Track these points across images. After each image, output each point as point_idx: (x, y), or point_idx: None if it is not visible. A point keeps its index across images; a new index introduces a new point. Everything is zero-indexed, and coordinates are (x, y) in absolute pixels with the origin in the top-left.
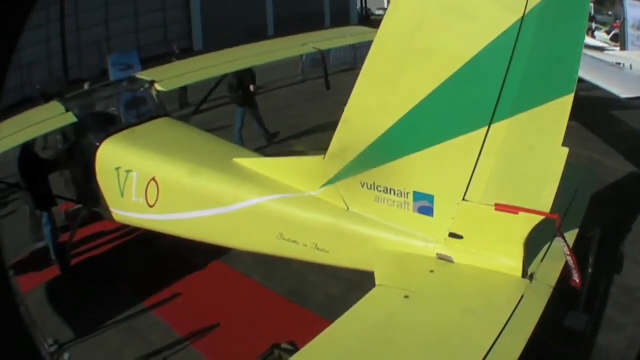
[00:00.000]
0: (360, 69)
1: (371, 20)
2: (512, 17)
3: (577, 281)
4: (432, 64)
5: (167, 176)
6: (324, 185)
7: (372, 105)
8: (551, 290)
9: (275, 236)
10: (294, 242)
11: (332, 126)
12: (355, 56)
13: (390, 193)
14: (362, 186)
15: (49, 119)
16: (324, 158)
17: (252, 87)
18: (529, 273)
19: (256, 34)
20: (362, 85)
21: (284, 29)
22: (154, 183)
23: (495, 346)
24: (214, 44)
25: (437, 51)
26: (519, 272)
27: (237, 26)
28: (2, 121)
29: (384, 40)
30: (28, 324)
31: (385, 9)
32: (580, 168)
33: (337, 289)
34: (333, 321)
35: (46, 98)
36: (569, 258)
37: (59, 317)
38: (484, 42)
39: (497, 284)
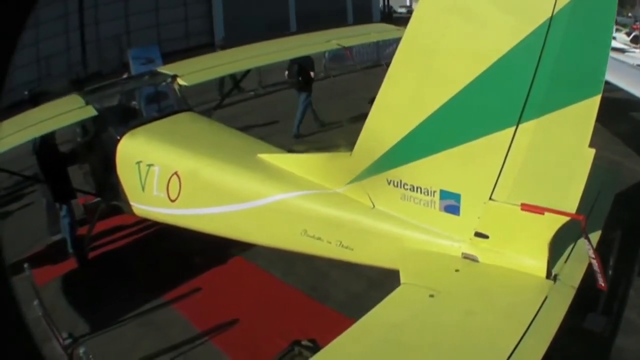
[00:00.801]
0: (383, 65)
1: (393, 18)
2: (540, 17)
3: (602, 285)
4: (460, 63)
5: (189, 171)
6: (350, 182)
7: (400, 103)
8: (574, 291)
9: (299, 232)
10: (318, 238)
11: (355, 122)
12: (378, 53)
13: (417, 191)
14: (389, 184)
15: (68, 111)
16: (351, 155)
17: (312, 73)
18: (553, 274)
19: (278, 30)
20: (390, 83)
21: (306, 25)
22: (176, 177)
23: (519, 347)
24: (235, 39)
25: (466, 50)
26: (543, 273)
27: (258, 22)
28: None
29: (411, 38)
30: (42, 316)
31: (407, 7)
32: (602, 169)
33: (358, 286)
34: (354, 319)
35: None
36: (594, 261)
37: (75, 310)
38: (513, 42)
39: (521, 284)
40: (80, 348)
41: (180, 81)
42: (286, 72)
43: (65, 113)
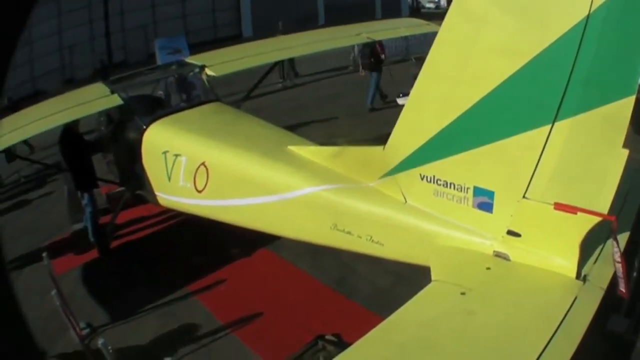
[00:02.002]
0: (412, 60)
1: (422, 13)
2: (577, 15)
3: (624, 291)
4: (497, 59)
5: (217, 161)
6: (383, 176)
7: (435, 98)
8: (603, 292)
9: (329, 226)
10: (348, 233)
11: (384, 115)
12: (407, 47)
13: (450, 187)
14: (422, 179)
15: (93, 100)
16: (383, 149)
17: (382, 56)
18: (583, 274)
19: (306, 23)
20: (425, 78)
21: (335, 19)
22: (203, 168)
23: (548, 346)
24: (263, 31)
25: (503, 46)
26: (573, 273)
27: (287, 14)
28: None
29: (447, 33)
30: (60, 306)
31: (435, 2)
32: (631, 170)
33: (384, 281)
34: (380, 314)
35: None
36: (618, 265)
37: (95, 300)
38: (551, 39)
39: (551, 284)
40: (98, 339)
41: (208, 71)
42: (352, 54)
43: (90, 101)
